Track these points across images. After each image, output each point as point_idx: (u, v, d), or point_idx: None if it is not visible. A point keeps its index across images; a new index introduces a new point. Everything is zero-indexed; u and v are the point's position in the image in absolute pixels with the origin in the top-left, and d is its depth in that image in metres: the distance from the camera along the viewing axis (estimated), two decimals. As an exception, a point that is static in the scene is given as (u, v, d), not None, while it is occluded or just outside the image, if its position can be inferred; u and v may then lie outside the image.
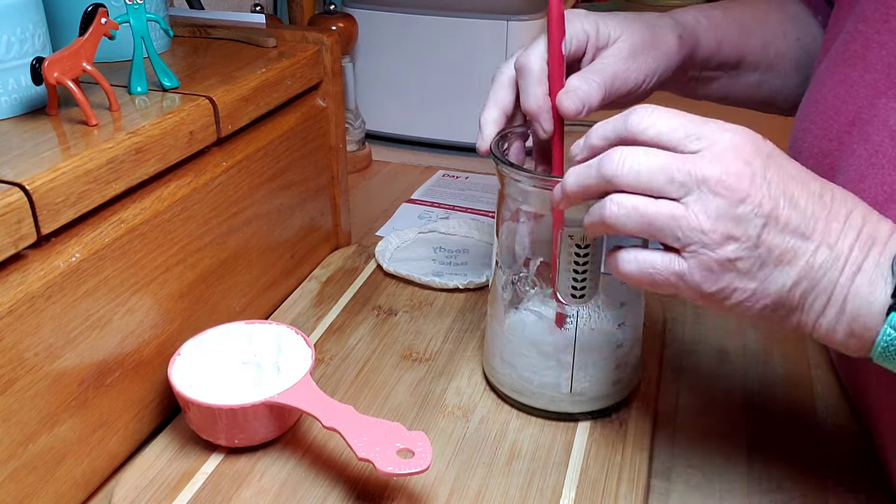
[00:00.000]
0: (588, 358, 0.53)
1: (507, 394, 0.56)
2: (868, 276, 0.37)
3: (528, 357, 0.54)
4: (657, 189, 0.38)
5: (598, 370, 0.53)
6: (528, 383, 0.54)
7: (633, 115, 0.40)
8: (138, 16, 0.53)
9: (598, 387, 0.54)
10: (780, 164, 0.38)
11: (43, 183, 0.42)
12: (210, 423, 0.50)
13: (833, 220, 0.38)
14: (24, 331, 0.42)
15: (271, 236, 0.64)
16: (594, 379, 0.53)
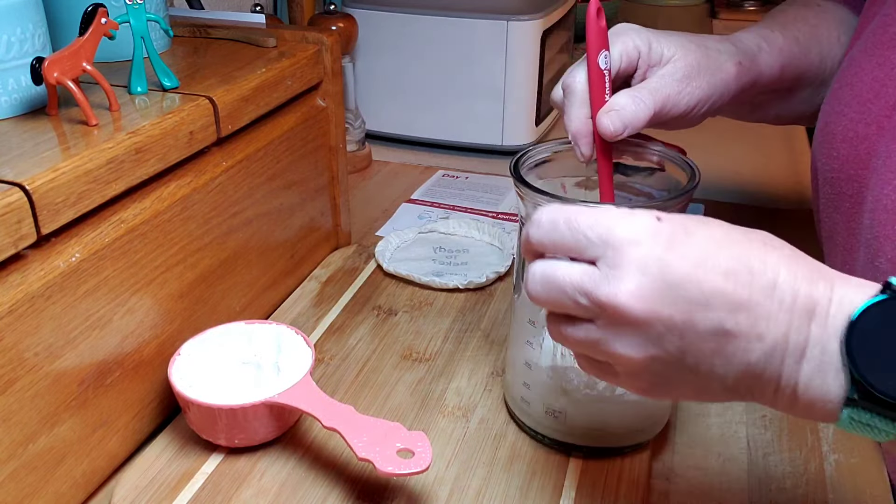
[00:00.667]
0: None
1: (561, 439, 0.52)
2: (814, 363, 0.32)
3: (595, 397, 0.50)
4: (570, 311, 0.36)
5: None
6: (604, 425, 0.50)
7: (530, 225, 0.37)
8: (138, 16, 0.53)
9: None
10: (682, 255, 0.34)
11: (43, 183, 0.42)
12: (210, 423, 0.50)
13: (757, 305, 0.33)
14: (24, 331, 0.42)
15: (271, 236, 0.64)
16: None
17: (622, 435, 0.51)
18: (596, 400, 0.49)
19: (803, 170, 0.99)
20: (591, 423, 0.50)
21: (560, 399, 0.50)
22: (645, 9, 1.72)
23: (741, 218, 0.45)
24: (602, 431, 0.50)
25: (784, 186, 0.93)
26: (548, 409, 0.51)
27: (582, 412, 0.50)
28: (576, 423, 0.50)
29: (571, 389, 0.50)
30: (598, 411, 0.50)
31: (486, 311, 0.67)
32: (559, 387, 0.50)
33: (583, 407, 0.50)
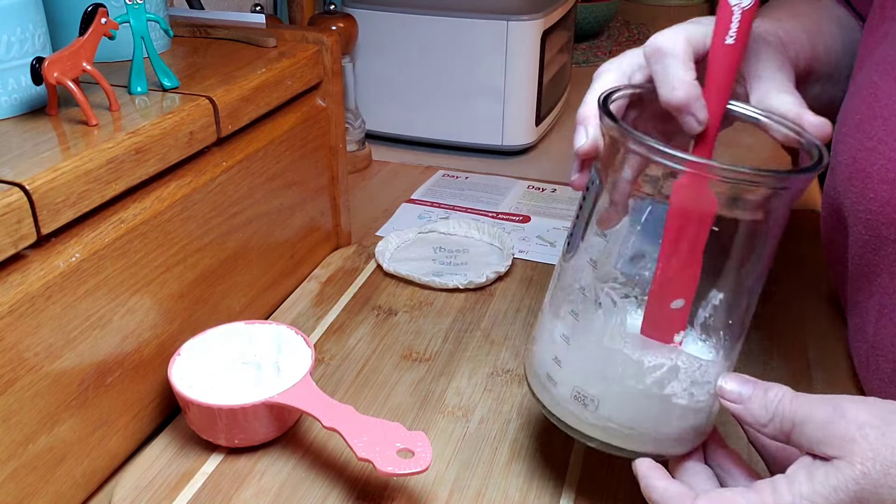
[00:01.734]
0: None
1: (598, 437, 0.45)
2: None
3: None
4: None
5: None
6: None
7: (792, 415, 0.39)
8: (138, 16, 0.53)
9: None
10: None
11: (43, 183, 0.42)
12: (210, 423, 0.50)
13: None
14: (24, 331, 0.42)
15: (271, 236, 0.64)
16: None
17: (656, 440, 0.44)
18: (640, 395, 0.43)
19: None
20: (625, 418, 0.43)
21: (597, 384, 0.43)
22: (645, 9, 1.72)
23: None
24: (634, 431, 0.44)
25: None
26: (577, 394, 0.44)
27: (618, 404, 0.43)
28: (607, 415, 0.44)
29: (614, 377, 0.43)
30: (638, 408, 0.43)
31: (486, 311, 0.67)
32: (599, 371, 0.43)
33: (621, 399, 0.43)
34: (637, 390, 0.43)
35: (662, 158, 0.39)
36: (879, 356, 0.53)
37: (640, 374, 0.43)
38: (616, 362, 0.43)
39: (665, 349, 0.42)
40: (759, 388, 0.40)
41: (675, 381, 0.43)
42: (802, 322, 0.66)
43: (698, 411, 0.44)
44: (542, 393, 0.47)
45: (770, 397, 0.40)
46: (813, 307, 0.68)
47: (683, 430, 0.44)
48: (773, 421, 0.39)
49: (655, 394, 0.43)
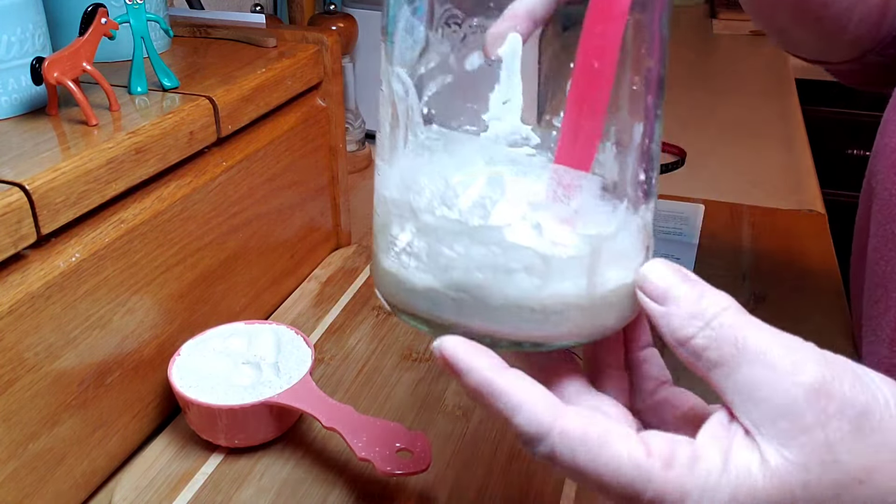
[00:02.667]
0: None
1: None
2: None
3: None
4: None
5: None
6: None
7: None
8: (138, 16, 0.53)
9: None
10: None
11: (43, 183, 0.42)
12: (210, 423, 0.50)
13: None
14: (24, 331, 0.42)
15: (271, 236, 0.64)
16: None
17: (510, 312, 0.28)
18: (457, 233, 0.28)
19: (803, 170, 0.99)
20: (450, 283, 0.28)
21: (406, 226, 0.29)
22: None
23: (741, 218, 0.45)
24: (476, 300, 0.28)
25: (784, 186, 0.93)
26: (392, 251, 0.30)
27: (436, 259, 0.29)
28: (432, 281, 0.29)
29: (420, 206, 0.29)
30: (461, 261, 0.28)
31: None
32: (403, 201, 0.29)
33: (438, 245, 0.29)
34: (451, 222, 0.28)
35: None
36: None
37: (451, 195, 0.28)
38: (416, 179, 0.29)
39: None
40: (695, 289, 0.27)
41: (503, 201, 0.28)
42: (803, 322, 0.66)
43: (563, 264, 0.28)
44: (373, 267, 0.33)
45: (704, 306, 0.27)
46: (814, 307, 0.68)
47: (537, 297, 0.28)
48: (696, 339, 0.26)
49: (480, 228, 0.28)
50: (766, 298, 0.69)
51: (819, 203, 0.89)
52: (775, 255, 0.76)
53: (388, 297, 0.31)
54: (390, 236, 0.30)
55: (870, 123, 0.55)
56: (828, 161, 1.44)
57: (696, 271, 0.29)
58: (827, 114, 1.52)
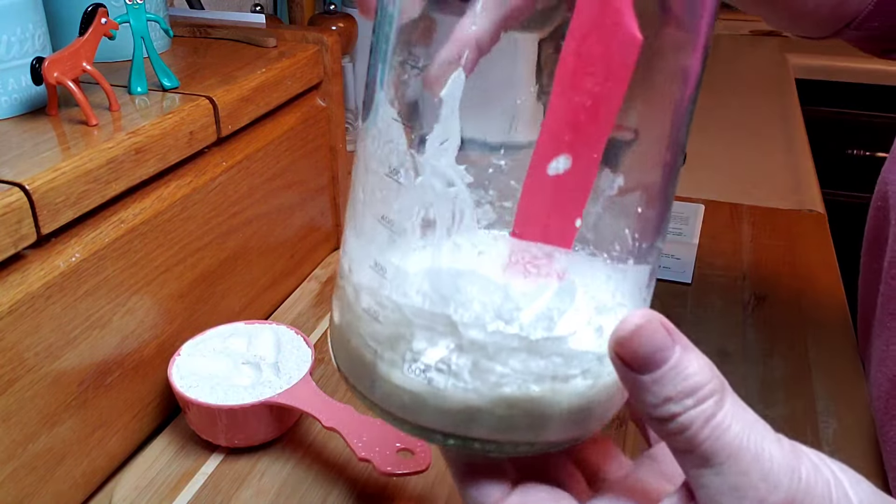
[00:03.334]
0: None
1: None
2: None
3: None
4: None
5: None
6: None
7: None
8: (138, 16, 0.53)
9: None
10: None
11: (43, 183, 0.42)
12: (210, 423, 0.50)
13: None
14: (24, 331, 0.42)
15: (271, 236, 0.64)
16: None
17: (559, 420, 0.27)
18: (516, 347, 0.25)
19: (803, 170, 0.99)
20: (512, 393, 0.26)
21: (440, 341, 0.26)
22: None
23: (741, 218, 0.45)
24: (526, 414, 0.26)
25: (784, 186, 0.93)
26: (412, 367, 0.26)
27: (484, 377, 0.26)
28: (474, 402, 0.26)
29: (466, 321, 0.25)
30: (515, 365, 0.26)
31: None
32: (439, 313, 0.26)
33: (488, 362, 0.26)
34: (511, 336, 0.25)
35: None
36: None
37: (512, 308, 0.25)
38: (464, 291, 0.26)
39: (546, 251, 0.26)
40: (686, 356, 0.23)
41: (572, 310, 0.26)
42: (803, 323, 0.66)
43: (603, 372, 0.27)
44: (359, 375, 0.28)
45: (690, 373, 0.23)
46: (814, 309, 0.68)
47: (588, 396, 0.27)
48: (678, 420, 0.23)
49: (542, 340, 0.25)
50: (766, 298, 0.69)
51: (819, 203, 0.89)
52: (775, 255, 0.76)
53: (398, 413, 0.27)
54: (409, 351, 0.26)
55: (869, 123, 0.55)
56: (828, 161, 1.44)
57: (696, 271, 0.28)
58: (827, 114, 1.52)
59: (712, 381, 0.24)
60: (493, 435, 0.26)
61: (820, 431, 0.54)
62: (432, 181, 0.25)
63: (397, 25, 0.26)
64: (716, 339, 0.63)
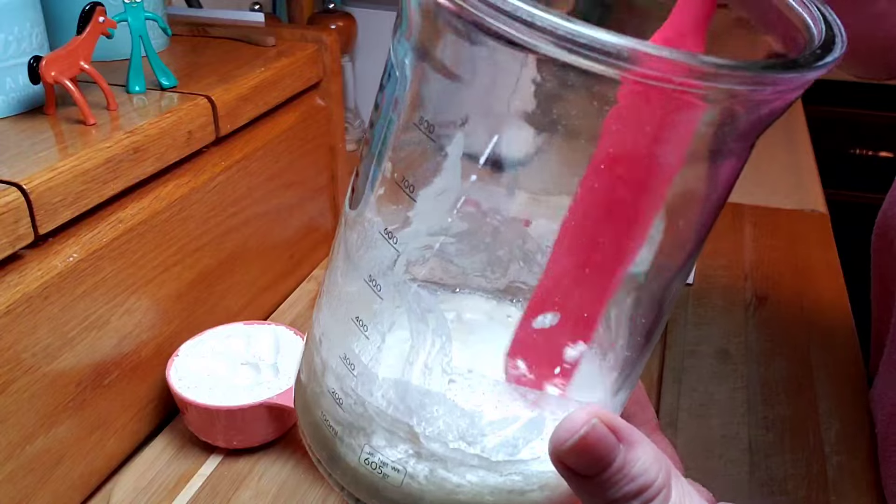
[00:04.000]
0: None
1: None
2: None
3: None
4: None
5: None
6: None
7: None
8: (136, 14, 0.53)
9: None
10: None
11: (40, 183, 0.41)
12: (209, 424, 0.50)
13: None
14: (22, 331, 0.41)
15: (270, 236, 0.64)
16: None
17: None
18: (475, 465, 0.26)
19: (805, 169, 0.98)
20: (458, 500, 0.26)
21: (400, 445, 0.26)
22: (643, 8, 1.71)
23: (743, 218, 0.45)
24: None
25: (786, 186, 0.93)
26: (369, 459, 0.27)
27: (440, 484, 0.26)
28: (430, 495, 0.26)
29: (428, 435, 0.26)
30: (480, 485, 0.26)
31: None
32: (402, 421, 0.26)
33: (445, 472, 0.26)
34: (469, 458, 0.26)
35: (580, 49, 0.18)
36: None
37: (477, 433, 0.26)
38: (427, 408, 0.26)
39: (518, 391, 0.26)
40: (631, 454, 0.23)
41: (539, 440, 0.26)
42: (805, 323, 0.66)
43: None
44: (319, 447, 0.28)
45: (635, 473, 0.23)
46: (815, 310, 0.68)
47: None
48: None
49: (504, 462, 0.26)
50: (768, 298, 0.69)
51: (821, 203, 0.89)
52: (777, 255, 0.76)
53: (352, 491, 0.27)
54: (368, 445, 0.26)
55: (873, 123, 0.55)
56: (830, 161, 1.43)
57: (697, 271, 0.28)
58: (829, 113, 1.52)
59: (658, 477, 0.23)
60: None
61: (822, 433, 0.54)
62: (412, 306, 0.25)
63: (394, 131, 0.24)
64: (717, 340, 0.63)
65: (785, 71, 0.20)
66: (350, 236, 0.27)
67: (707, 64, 0.18)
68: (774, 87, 0.20)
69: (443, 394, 0.26)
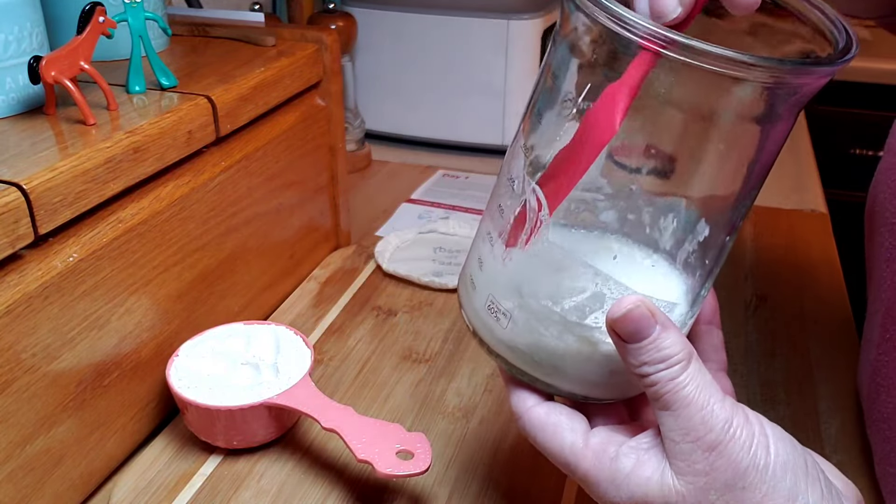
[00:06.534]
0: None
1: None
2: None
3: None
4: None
5: None
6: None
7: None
8: (136, 14, 0.53)
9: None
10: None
11: (40, 182, 0.41)
12: (208, 424, 0.50)
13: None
14: (22, 331, 0.41)
15: (270, 236, 0.64)
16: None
17: (568, 376, 0.37)
18: (557, 319, 0.36)
19: (806, 169, 0.98)
20: (535, 344, 0.37)
21: (510, 298, 0.37)
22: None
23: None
24: (543, 360, 0.37)
25: (786, 186, 0.93)
26: (491, 304, 0.38)
27: (529, 326, 0.37)
28: (516, 336, 0.37)
29: (529, 292, 0.36)
30: (551, 334, 0.36)
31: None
32: (513, 282, 0.37)
33: (535, 319, 0.37)
34: (553, 313, 0.36)
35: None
36: (880, 382, 0.48)
37: (558, 295, 0.36)
38: (531, 276, 0.36)
39: (591, 274, 0.35)
40: (664, 334, 0.33)
41: (600, 311, 0.35)
42: (805, 323, 0.66)
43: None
44: (464, 297, 0.41)
45: (662, 355, 0.33)
46: (815, 309, 0.68)
47: (602, 373, 0.37)
48: (650, 378, 0.33)
49: (573, 322, 0.36)
50: (768, 298, 0.69)
51: (821, 203, 0.89)
52: (777, 255, 0.76)
53: (479, 334, 0.40)
54: (491, 295, 0.38)
55: (873, 123, 0.55)
56: (830, 161, 1.43)
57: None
58: (830, 113, 1.52)
59: (681, 352, 0.33)
60: (525, 367, 0.38)
61: (822, 431, 0.54)
62: (529, 196, 0.36)
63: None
64: (717, 340, 0.63)
65: (819, 65, 0.31)
66: (508, 156, 0.39)
67: (784, 62, 0.31)
68: (811, 75, 0.31)
69: (540, 260, 0.35)
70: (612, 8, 0.30)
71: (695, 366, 0.33)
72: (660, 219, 0.36)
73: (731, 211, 0.36)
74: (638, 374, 0.33)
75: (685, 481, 0.32)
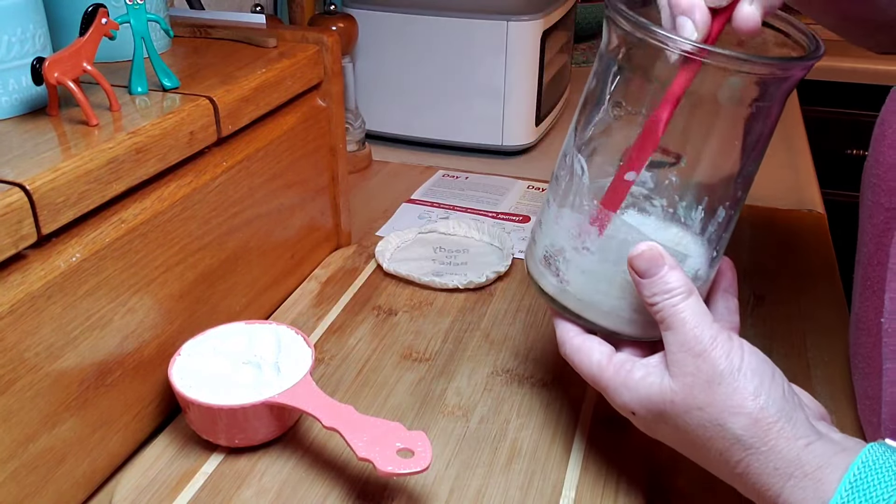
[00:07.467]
0: None
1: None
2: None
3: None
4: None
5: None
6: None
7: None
8: (138, 16, 0.53)
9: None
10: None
11: (43, 183, 0.42)
12: (210, 423, 0.50)
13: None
14: (25, 331, 0.42)
15: (271, 236, 0.64)
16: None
17: (610, 314, 0.47)
18: (597, 264, 0.46)
19: (803, 169, 0.99)
20: (584, 287, 0.47)
21: (561, 253, 0.47)
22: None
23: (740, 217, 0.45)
24: (591, 302, 0.47)
25: (783, 186, 0.93)
26: (546, 255, 0.48)
27: (579, 272, 0.47)
28: (569, 281, 0.47)
29: (576, 244, 0.47)
30: (598, 278, 0.46)
31: (486, 311, 0.67)
32: (563, 235, 0.47)
33: (582, 267, 0.47)
34: (595, 260, 0.46)
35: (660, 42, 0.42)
36: (860, 328, 0.53)
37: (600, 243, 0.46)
38: (577, 228, 0.47)
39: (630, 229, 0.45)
40: (665, 273, 0.42)
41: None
42: (802, 322, 0.66)
43: None
44: (527, 251, 0.52)
45: (667, 288, 0.42)
46: (813, 307, 0.68)
47: (629, 309, 0.46)
48: (657, 305, 0.43)
49: (611, 267, 0.46)
50: (766, 298, 0.69)
51: (818, 203, 0.89)
52: (775, 255, 0.76)
53: (532, 276, 0.50)
54: (555, 248, 0.48)
55: (869, 123, 0.55)
56: (827, 161, 1.44)
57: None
58: (826, 114, 1.52)
59: (682, 286, 0.42)
60: (570, 305, 0.48)
61: (819, 431, 0.54)
62: (575, 166, 0.47)
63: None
64: (715, 339, 0.63)
65: (800, 61, 0.42)
66: (567, 140, 0.48)
67: (774, 59, 0.43)
68: (794, 69, 0.42)
69: (580, 214, 0.46)
70: (656, 31, 0.42)
71: (693, 298, 0.42)
72: (675, 196, 0.46)
73: (734, 185, 0.45)
74: (649, 302, 0.43)
75: (677, 381, 0.41)
